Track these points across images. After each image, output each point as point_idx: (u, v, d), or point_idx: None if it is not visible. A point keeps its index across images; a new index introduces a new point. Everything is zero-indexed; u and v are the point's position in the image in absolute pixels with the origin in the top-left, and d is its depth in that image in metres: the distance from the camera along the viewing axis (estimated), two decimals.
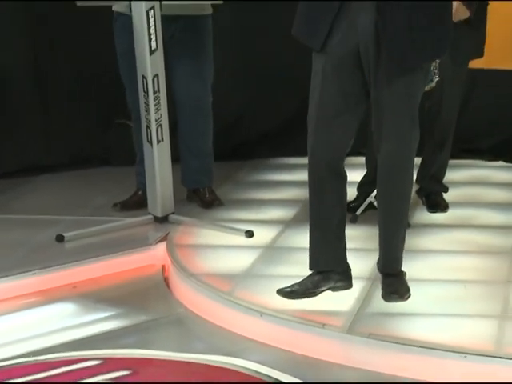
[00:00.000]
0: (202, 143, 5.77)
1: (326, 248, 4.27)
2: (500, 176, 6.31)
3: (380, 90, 4.06)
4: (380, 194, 4.30)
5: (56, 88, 6.68)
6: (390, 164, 4.17)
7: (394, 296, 4.19)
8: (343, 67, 4.06)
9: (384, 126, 4.11)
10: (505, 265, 4.68)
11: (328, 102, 4.10)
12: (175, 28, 5.50)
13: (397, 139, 4.12)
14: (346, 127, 4.15)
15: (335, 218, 4.26)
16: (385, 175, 4.20)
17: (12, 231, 5.43)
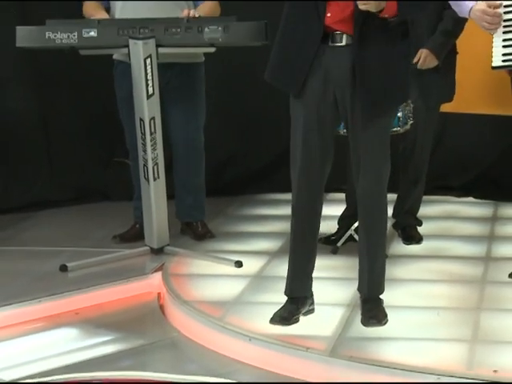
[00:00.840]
0: (195, 180, 5.78)
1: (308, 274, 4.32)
2: (470, 211, 6.32)
3: (356, 132, 4.08)
4: (362, 227, 4.28)
5: (59, 129, 6.69)
6: (368, 200, 4.19)
7: (372, 321, 4.19)
8: (321, 112, 4.07)
9: (361, 165, 4.13)
10: (475, 293, 4.68)
11: (310, 146, 4.11)
12: (171, 75, 5.51)
13: (373, 176, 4.15)
14: (325, 168, 4.18)
15: (313, 250, 4.31)
16: (366, 211, 4.22)
17: (19, 261, 5.41)
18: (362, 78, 3.99)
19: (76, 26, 5.16)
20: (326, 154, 4.16)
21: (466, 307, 4.49)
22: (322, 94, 4.05)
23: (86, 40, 5.16)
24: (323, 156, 4.15)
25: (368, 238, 4.25)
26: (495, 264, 5.11)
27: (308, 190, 4.18)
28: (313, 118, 4.08)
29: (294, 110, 4.15)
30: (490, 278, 4.92)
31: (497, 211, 6.26)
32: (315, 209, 4.25)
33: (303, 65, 4.04)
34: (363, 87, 4.00)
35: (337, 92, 4.04)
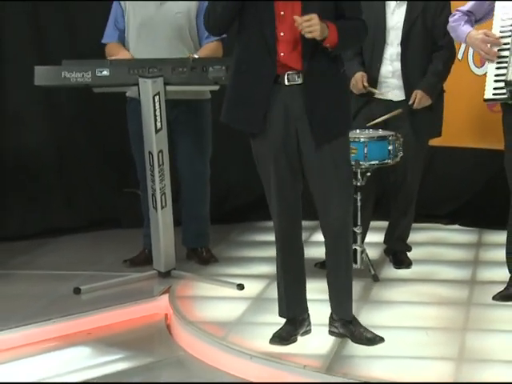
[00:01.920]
0: (201, 209, 5.78)
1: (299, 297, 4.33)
2: (456, 237, 6.31)
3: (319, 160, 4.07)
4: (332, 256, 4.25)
5: (74, 161, 6.70)
6: (338, 229, 4.17)
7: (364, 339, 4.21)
8: (287, 147, 4.08)
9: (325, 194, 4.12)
10: (461, 314, 4.66)
11: (283, 180, 4.13)
12: (179, 111, 5.52)
13: (340, 203, 4.13)
14: (296, 198, 4.20)
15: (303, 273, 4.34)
16: (335, 239, 4.20)
17: (36, 284, 5.41)
18: (314, 108, 4.02)
19: (90, 66, 5.18)
20: (296, 184, 4.17)
21: (453, 328, 4.48)
22: (284, 130, 4.06)
23: (99, 79, 5.18)
24: (294, 185, 4.16)
25: (336, 261, 4.23)
26: (480, 287, 5.10)
27: (288, 220, 4.21)
28: (280, 153, 4.09)
29: (259, 149, 4.14)
30: (475, 300, 4.91)
31: (481, 238, 6.25)
32: (296, 233, 4.27)
33: (261, 104, 4.04)
34: (315, 117, 4.03)
35: (297, 125, 4.06)
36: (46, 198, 6.61)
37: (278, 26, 3.99)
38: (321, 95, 4.04)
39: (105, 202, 6.73)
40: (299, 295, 4.34)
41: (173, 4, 5.54)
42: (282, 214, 4.19)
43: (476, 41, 4.61)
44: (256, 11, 3.99)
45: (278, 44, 4.01)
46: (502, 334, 4.37)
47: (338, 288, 4.26)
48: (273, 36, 3.99)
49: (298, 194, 4.21)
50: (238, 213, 6.80)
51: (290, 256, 4.29)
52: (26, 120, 6.49)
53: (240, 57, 4.10)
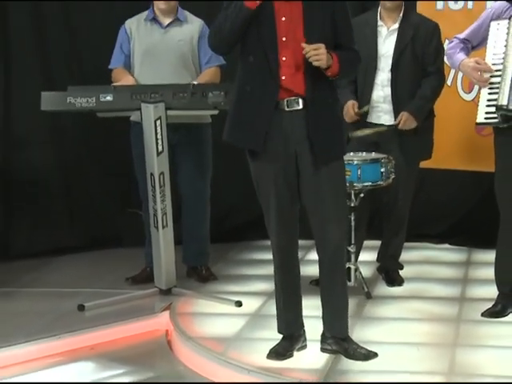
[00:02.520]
0: (201, 229, 5.78)
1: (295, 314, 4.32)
2: (446, 256, 6.30)
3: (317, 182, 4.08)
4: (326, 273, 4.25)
5: (78, 183, 6.70)
6: (337, 245, 4.17)
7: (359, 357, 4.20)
8: (286, 168, 4.09)
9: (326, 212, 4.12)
10: (451, 330, 4.66)
11: (281, 201, 4.13)
12: (180, 134, 5.53)
13: (337, 223, 4.14)
14: (294, 218, 4.21)
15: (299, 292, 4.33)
16: (331, 257, 4.19)
17: (41, 301, 5.40)
18: (315, 132, 4.04)
19: (94, 92, 5.19)
20: (294, 205, 4.17)
21: (444, 343, 4.48)
22: (284, 153, 4.07)
23: (103, 104, 5.19)
24: (293, 206, 4.17)
25: (334, 281, 4.23)
26: (469, 304, 5.10)
27: (286, 238, 4.21)
28: (279, 175, 4.10)
29: (259, 171, 4.16)
30: (464, 316, 4.90)
31: (470, 257, 6.24)
32: (293, 251, 4.27)
33: (261, 126, 4.05)
34: (317, 140, 4.04)
35: (297, 148, 4.07)
36: (51, 218, 6.60)
37: (280, 50, 4.01)
38: (321, 120, 4.06)
39: (108, 221, 6.72)
40: (296, 312, 4.33)
41: (176, 32, 5.58)
42: (280, 232, 4.19)
43: (468, 68, 4.66)
44: (259, 35, 4.01)
45: (280, 68, 4.02)
46: (490, 350, 4.37)
47: (333, 306, 4.25)
48: (275, 60, 4.01)
49: (296, 214, 4.22)
50: (237, 232, 6.80)
51: (287, 273, 4.29)
52: (33, 143, 6.50)
53: (243, 78, 4.11)
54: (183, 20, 5.63)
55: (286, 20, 4.02)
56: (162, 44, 5.56)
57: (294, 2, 4.01)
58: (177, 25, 5.61)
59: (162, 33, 5.59)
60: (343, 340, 4.26)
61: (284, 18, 4.02)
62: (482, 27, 4.74)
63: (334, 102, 4.16)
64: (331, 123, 4.11)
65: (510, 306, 4.86)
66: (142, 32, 5.60)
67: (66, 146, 6.63)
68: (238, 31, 4.01)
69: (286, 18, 4.02)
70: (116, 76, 5.56)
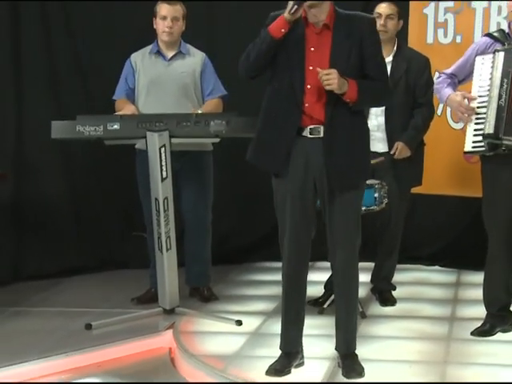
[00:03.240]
0: (203, 251, 5.78)
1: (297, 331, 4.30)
2: (437, 278, 6.30)
3: (330, 208, 4.09)
4: (338, 293, 4.26)
5: (87, 208, 6.70)
6: (343, 269, 4.17)
7: (353, 374, 4.18)
8: (304, 193, 4.10)
9: (336, 240, 4.13)
10: (442, 348, 4.66)
11: (295, 221, 4.12)
12: (184, 161, 5.54)
13: (348, 248, 4.14)
14: (307, 241, 4.19)
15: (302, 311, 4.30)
16: (341, 278, 4.20)
17: (50, 320, 5.38)
18: (331, 159, 4.03)
19: (102, 120, 5.19)
20: (308, 228, 4.17)
21: (434, 361, 4.47)
22: (303, 177, 4.08)
23: (110, 132, 5.18)
24: (307, 229, 4.17)
25: (345, 302, 4.23)
26: (459, 323, 5.10)
27: (296, 260, 4.19)
28: (296, 198, 4.11)
29: (278, 191, 4.17)
30: (454, 335, 4.90)
31: (459, 278, 6.24)
32: (302, 273, 4.25)
33: (283, 151, 4.06)
34: (332, 167, 4.03)
35: (315, 174, 4.08)
36: (61, 241, 6.58)
37: (306, 79, 4.03)
38: (340, 148, 4.04)
39: (114, 244, 6.71)
40: (296, 332, 4.31)
41: (179, 64, 5.61)
42: (291, 253, 4.18)
43: (454, 103, 4.68)
44: (288, 62, 4.03)
45: (305, 96, 4.04)
46: (480, 367, 4.36)
47: (336, 321, 4.25)
48: (301, 89, 4.03)
49: (310, 238, 4.20)
50: (237, 255, 6.79)
51: (293, 294, 4.26)
52: (43, 169, 6.49)
53: (269, 103, 4.13)
54: (186, 53, 5.66)
55: (315, 50, 4.04)
56: (166, 75, 5.58)
57: (324, 32, 4.03)
58: (180, 57, 5.64)
59: (166, 65, 5.62)
60: (346, 357, 4.24)
61: (313, 48, 4.05)
62: (467, 62, 4.77)
63: (357, 130, 4.12)
64: (351, 151, 4.07)
65: (498, 326, 4.86)
66: (146, 64, 5.63)
67: (75, 172, 6.64)
68: (263, 57, 4.04)
69: (315, 48, 4.05)
70: (118, 106, 5.58)
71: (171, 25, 5.53)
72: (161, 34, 5.58)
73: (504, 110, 4.50)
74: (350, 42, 4.03)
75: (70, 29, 6.59)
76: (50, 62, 6.55)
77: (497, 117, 4.51)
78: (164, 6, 5.53)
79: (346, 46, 4.02)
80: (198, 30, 6.16)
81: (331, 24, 4.04)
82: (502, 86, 4.51)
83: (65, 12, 6.56)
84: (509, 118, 4.49)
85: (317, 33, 4.05)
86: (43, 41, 6.51)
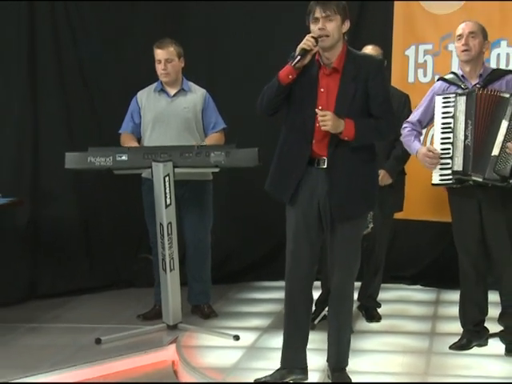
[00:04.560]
0: (203, 272, 5.77)
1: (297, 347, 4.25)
2: (418, 296, 6.30)
3: (333, 235, 4.08)
4: (332, 310, 4.24)
5: (96, 231, 6.70)
6: (339, 289, 4.16)
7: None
8: (308, 219, 4.09)
9: (336, 262, 4.12)
10: (423, 361, 4.65)
11: (299, 245, 4.11)
12: (186, 189, 5.55)
13: (345, 273, 4.12)
14: (312, 263, 4.16)
15: (304, 329, 4.25)
16: (337, 298, 4.19)
17: (63, 336, 5.37)
18: (333, 190, 4.02)
19: (111, 152, 5.21)
20: (311, 253, 4.13)
21: (416, 373, 4.46)
22: (308, 205, 4.07)
23: (119, 163, 5.21)
24: (309, 255, 4.13)
25: (337, 319, 4.20)
26: (438, 338, 5.09)
27: (297, 281, 4.15)
28: (300, 223, 4.10)
29: (288, 216, 4.16)
30: (434, 349, 4.89)
31: (439, 296, 6.24)
32: (303, 295, 4.18)
33: (294, 180, 4.06)
34: (334, 197, 4.03)
35: (320, 203, 4.07)
36: (72, 262, 6.58)
37: (316, 118, 4.01)
38: (340, 181, 4.01)
39: (121, 265, 6.71)
40: (295, 345, 4.24)
41: (181, 101, 5.64)
42: (292, 274, 4.14)
43: (421, 155, 4.67)
44: (301, 104, 4.03)
45: (315, 132, 4.03)
46: (458, 379, 4.35)
47: (328, 337, 4.23)
48: (312, 127, 4.02)
49: (312, 261, 4.15)
50: (235, 275, 6.78)
51: (293, 306, 4.20)
52: (57, 197, 6.49)
53: (283, 138, 4.13)
54: (187, 90, 5.69)
55: (324, 91, 4.03)
56: (169, 111, 5.61)
57: (334, 74, 4.03)
58: (182, 94, 5.67)
59: (169, 101, 5.64)
60: (335, 371, 4.21)
61: (323, 89, 4.04)
62: (429, 107, 4.78)
63: (359, 165, 4.06)
64: (352, 183, 4.04)
65: (474, 340, 4.85)
66: (151, 101, 5.66)
67: (86, 200, 6.64)
68: (275, 100, 4.04)
69: (325, 89, 4.04)
70: (123, 139, 5.60)
71: (165, 67, 5.55)
72: (159, 76, 5.62)
73: (471, 149, 4.52)
74: (356, 84, 4.00)
75: (82, 70, 6.64)
76: (64, 99, 6.58)
77: (464, 155, 4.52)
78: (157, 50, 5.56)
79: (351, 88, 4.00)
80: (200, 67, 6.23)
81: (341, 66, 4.02)
82: (466, 127, 4.53)
83: (77, 57, 6.62)
84: (475, 156, 4.51)
85: (327, 74, 4.04)
86: (58, 82, 6.55)
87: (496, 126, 4.47)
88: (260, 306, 5.99)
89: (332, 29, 3.96)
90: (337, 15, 3.96)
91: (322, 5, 3.94)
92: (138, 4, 6.67)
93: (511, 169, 4.45)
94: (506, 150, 4.44)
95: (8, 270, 6.24)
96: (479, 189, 4.58)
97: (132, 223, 6.45)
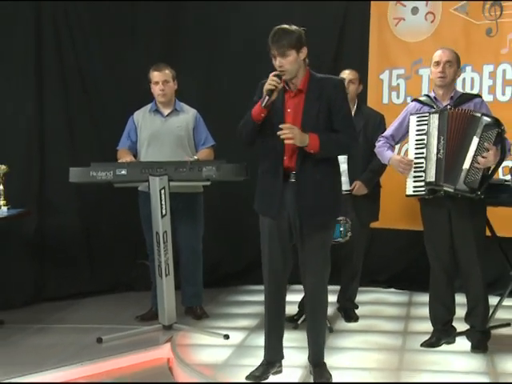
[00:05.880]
0: (196, 276, 5.77)
1: (276, 343, 4.30)
2: (392, 298, 6.33)
3: (303, 244, 4.10)
4: (309, 313, 4.28)
5: (97, 239, 6.68)
6: (313, 293, 4.18)
7: (322, 379, 4.19)
8: (280, 227, 4.12)
9: (308, 269, 4.13)
10: (396, 358, 4.68)
11: (273, 252, 4.14)
12: (179, 200, 5.55)
13: (316, 278, 4.14)
14: (285, 270, 4.19)
15: (281, 327, 4.29)
16: (310, 301, 4.22)
17: (67, 335, 5.37)
18: (301, 201, 4.05)
19: (112, 167, 5.21)
20: (285, 260, 4.17)
21: (390, 368, 4.49)
22: (280, 213, 4.10)
23: (119, 176, 5.20)
24: (283, 261, 4.16)
25: (314, 320, 4.23)
26: (411, 336, 5.11)
27: (274, 285, 4.19)
28: (274, 231, 4.13)
29: (262, 227, 4.20)
30: (407, 347, 4.92)
31: (411, 298, 6.27)
32: (280, 296, 4.24)
33: (275, 197, 4.07)
34: (302, 207, 4.05)
35: (290, 215, 4.10)
36: (76, 268, 6.56)
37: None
38: (306, 192, 4.04)
39: (121, 270, 6.69)
40: (275, 341, 4.30)
41: (174, 120, 5.67)
42: (270, 279, 4.18)
43: (395, 162, 4.73)
44: (272, 124, 4.04)
45: (285, 149, 4.05)
46: (428, 373, 4.38)
47: (307, 336, 4.25)
48: (281, 145, 4.04)
49: (286, 267, 4.18)
50: (225, 279, 6.79)
51: (272, 308, 4.25)
52: (62, 208, 6.48)
53: (261, 159, 4.16)
54: (180, 110, 5.72)
55: (291, 111, 4.07)
56: (164, 130, 5.62)
57: (299, 95, 4.07)
58: (175, 114, 5.69)
59: (163, 121, 5.67)
60: (315, 366, 4.24)
61: (289, 110, 4.08)
62: (402, 125, 4.83)
63: (323, 177, 4.08)
64: (318, 193, 4.06)
65: (443, 338, 4.89)
66: (147, 120, 5.67)
67: (89, 210, 6.63)
68: (251, 133, 4.08)
69: (291, 109, 4.08)
70: (120, 154, 5.60)
71: (163, 87, 5.58)
72: (157, 96, 5.64)
73: (443, 161, 4.56)
74: (320, 103, 4.05)
75: (85, 90, 6.65)
76: (68, 117, 6.59)
77: (437, 167, 4.56)
78: (155, 73, 5.59)
79: (315, 107, 4.05)
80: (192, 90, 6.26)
81: (305, 88, 4.08)
82: (439, 142, 4.57)
83: (81, 75, 6.63)
84: (447, 168, 4.55)
85: (292, 96, 4.09)
86: (63, 100, 6.56)
87: (467, 142, 4.51)
88: (247, 307, 6.00)
89: (289, 63, 4.00)
90: (291, 50, 3.99)
91: (275, 44, 3.98)
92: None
93: (480, 181, 4.50)
94: (476, 165, 4.49)
95: (16, 274, 6.23)
96: (449, 199, 4.63)
97: (130, 232, 6.44)
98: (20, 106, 6.39)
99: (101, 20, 6.62)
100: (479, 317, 4.78)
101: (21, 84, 6.38)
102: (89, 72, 6.63)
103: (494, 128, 4.49)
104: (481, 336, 4.80)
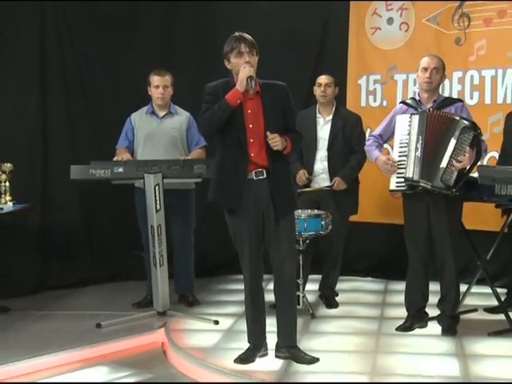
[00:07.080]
0: (188, 266, 5.77)
1: (261, 329, 4.30)
2: (369, 286, 6.33)
3: (277, 233, 4.12)
4: (278, 293, 4.24)
5: (97, 231, 6.66)
6: (291, 277, 4.18)
7: (304, 359, 4.19)
8: (256, 220, 4.12)
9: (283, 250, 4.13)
10: (373, 341, 4.69)
11: (253, 251, 4.15)
12: (173, 196, 5.54)
13: (292, 260, 4.18)
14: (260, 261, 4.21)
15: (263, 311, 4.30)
16: (286, 286, 4.20)
17: (68, 321, 5.36)
18: (276, 193, 4.10)
19: (110, 165, 5.20)
20: (260, 251, 4.19)
21: (367, 350, 4.50)
22: (254, 210, 4.11)
23: (116, 174, 5.19)
24: (260, 252, 4.19)
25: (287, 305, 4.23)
26: (386, 321, 5.12)
27: (255, 273, 4.20)
28: (252, 231, 4.12)
29: (234, 225, 4.17)
30: (383, 331, 4.93)
31: (387, 286, 6.27)
32: (260, 282, 4.26)
33: (236, 191, 4.08)
34: (277, 198, 4.10)
35: (264, 207, 4.12)
36: (77, 258, 6.54)
37: (248, 134, 4.07)
38: (279, 186, 4.10)
39: (119, 261, 6.66)
40: (260, 327, 4.30)
41: (169, 121, 5.65)
42: (251, 269, 4.18)
43: (381, 162, 4.75)
44: (232, 122, 4.06)
45: (249, 147, 4.07)
46: (402, 355, 4.40)
47: (286, 321, 4.24)
48: (245, 142, 4.06)
49: (261, 255, 4.22)
50: (215, 269, 6.78)
51: (255, 298, 4.25)
52: (64, 203, 6.46)
53: (221, 155, 4.13)
54: (174, 112, 5.70)
55: (251, 112, 4.09)
56: (159, 130, 5.61)
57: (256, 97, 4.10)
58: (169, 116, 5.68)
59: (159, 122, 5.65)
60: (293, 348, 4.26)
61: (250, 111, 4.10)
62: (390, 125, 4.86)
63: (287, 172, 4.21)
64: (286, 188, 4.15)
65: (416, 323, 4.90)
66: (143, 122, 5.66)
67: (88, 205, 6.60)
68: (223, 121, 4.06)
69: (251, 110, 4.10)
70: (118, 152, 5.59)
71: (163, 91, 5.57)
72: (155, 99, 5.63)
73: (420, 160, 4.57)
74: (276, 104, 4.12)
75: (85, 92, 6.61)
76: (70, 118, 6.56)
77: (414, 165, 4.58)
78: (156, 77, 5.58)
79: (274, 109, 4.10)
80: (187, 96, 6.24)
81: (260, 91, 4.12)
82: (418, 141, 4.59)
83: (81, 82, 6.59)
84: (424, 166, 4.57)
85: (251, 98, 4.11)
86: (64, 101, 6.52)
87: (445, 142, 4.52)
88: (236, 295, 5.99)
89: (255, 62, 4.09)
90: (255, 50, 4.09)
91: (246, 41, 4.05)
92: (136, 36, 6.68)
93: (455, 179, 4.51)
94: (453, 164, 4.50)
95: (21, 265, 6.21)
96: (428, 195, 4.64)
97: (127, 225, 6.40)
98: (24, 106, 6.34)
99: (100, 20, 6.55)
100: (451, 302, 4.79)
101: (26, 84, 6.34)
102: (88, 76, 6.58)
103: (471, 131, 4.50)
104: (451, 320, 4.81)
